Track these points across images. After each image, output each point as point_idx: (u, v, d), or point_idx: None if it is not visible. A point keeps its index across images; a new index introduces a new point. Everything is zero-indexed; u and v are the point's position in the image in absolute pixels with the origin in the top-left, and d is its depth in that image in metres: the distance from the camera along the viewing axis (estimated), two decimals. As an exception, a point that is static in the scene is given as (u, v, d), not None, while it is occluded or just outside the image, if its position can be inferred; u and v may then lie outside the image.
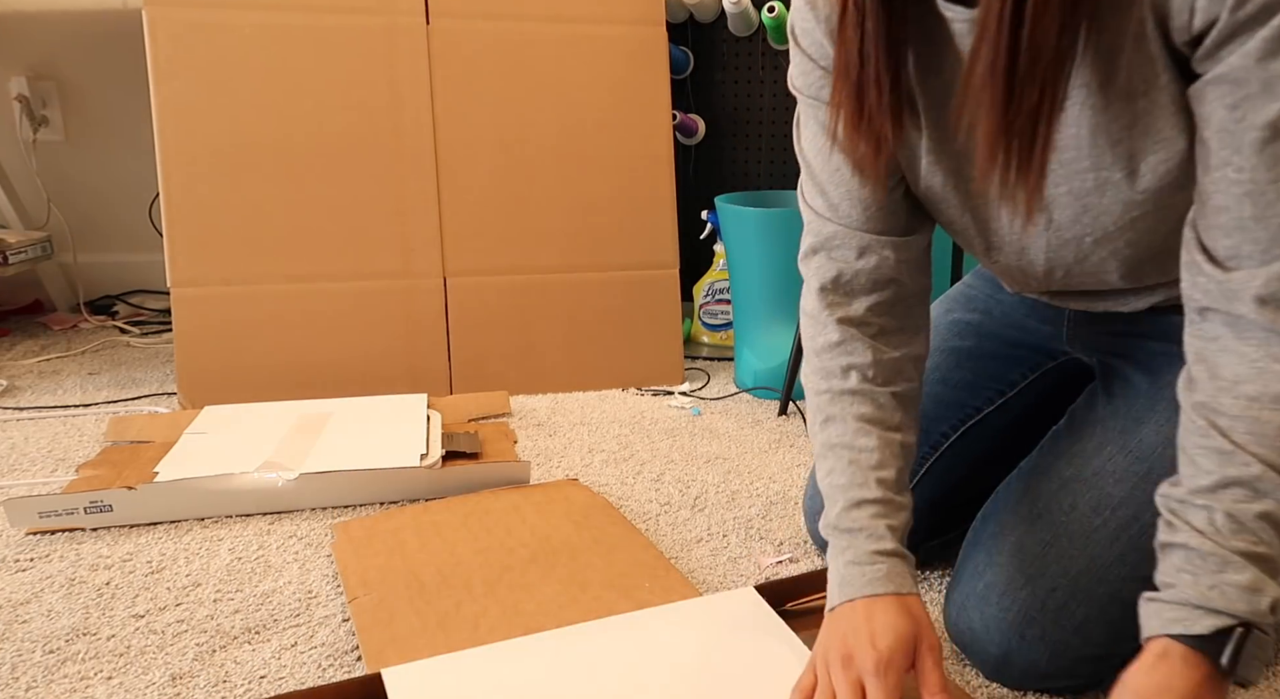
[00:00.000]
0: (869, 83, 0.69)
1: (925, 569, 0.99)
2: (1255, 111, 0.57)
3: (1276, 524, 0.60)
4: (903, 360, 0.81)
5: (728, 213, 1.63)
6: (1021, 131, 0.62)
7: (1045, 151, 0.63)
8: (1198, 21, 0.58)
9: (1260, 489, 0.60)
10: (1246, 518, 0.60)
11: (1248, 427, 0.60)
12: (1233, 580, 0.60)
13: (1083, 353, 0.90)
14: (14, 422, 1.48)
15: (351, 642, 0.87)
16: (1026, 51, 0.59)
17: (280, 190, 1.53)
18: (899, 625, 0.68)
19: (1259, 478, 0.60)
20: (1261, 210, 0.59)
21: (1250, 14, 0.55)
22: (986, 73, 0.61)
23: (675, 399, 1.59)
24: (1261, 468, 0.60)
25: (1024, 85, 0.60)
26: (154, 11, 1.47)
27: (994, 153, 0.63)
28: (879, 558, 0.72)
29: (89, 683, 0.81)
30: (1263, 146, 0.58)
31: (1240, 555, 0.60)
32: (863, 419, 0.78)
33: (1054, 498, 0.79)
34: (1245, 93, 0.57)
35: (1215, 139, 0.60)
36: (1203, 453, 0.62)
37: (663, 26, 1.67)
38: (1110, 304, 0.81)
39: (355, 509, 1.16)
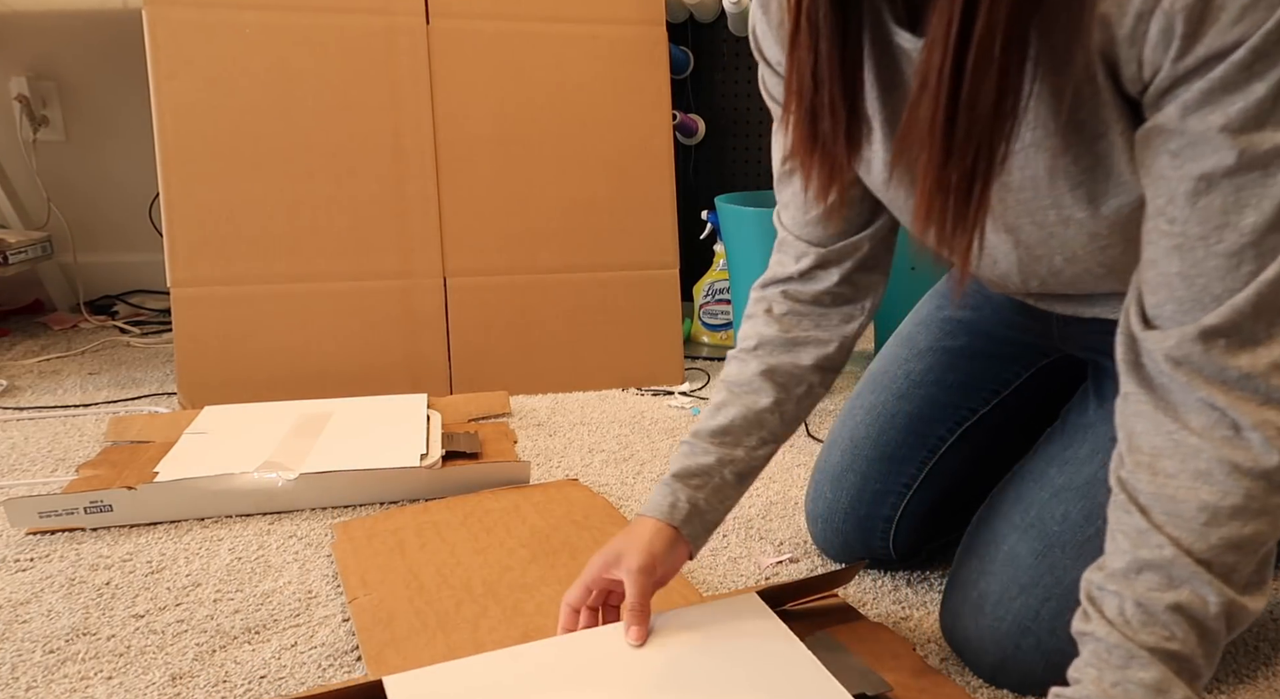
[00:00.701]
0: (823, 107, 0.67)
1: (926, 570, 0.99)
2: (1191, 161, 0.55)
3: (1190, 617, 0.56)
4: (808, 369, 0.84)
5: (728, 213, 1.63)
6: (958, 189, 0.60)
7: (980, 211, 0.60)
8: (1145, 72, 0.56)
9: (1175, 576, 0.57)
10: (1157, 609, 0.57)
11: (1164, 506, 0.57)
12: (1137, 678, 0.56)
13: (1075, 350, 0.90)
14: (14, 422, 1.48)
15: (352, 642, 0.87)
16: (965, 110, 0.57)
17: (280, 190, 1.53)
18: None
19: (1171, 562, 0.57)
20: (1188, 267, 0.56)
21: (1191, 65, 0.53)
22: (925, 129, 0.59)
23: (675, 399, 1.59)
24: (1174, 552, 0.56)
25: (962, 145, 0.58)
26: (154, 11, 1.48)
27: (930, 208, 0.61)
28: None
29: (89, 683, 0.81)
30: (1195, 198, 0.55)
31: (1148, 651, 0.56)
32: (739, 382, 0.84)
33: (1046, 506, 0.79)
34: (1183, 142, 0.55)
35: (1152, 187, 0.58)
36: (1121, 532, 0.60)
37: (663, 26, 1.67)
38: (1099, 310, 0.81)
39: (355, 509, 1.16)
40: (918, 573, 0.99)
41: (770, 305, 0.86)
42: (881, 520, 0.95)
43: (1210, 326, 0.56)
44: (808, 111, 0.67)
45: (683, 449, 0.82)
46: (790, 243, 0.85)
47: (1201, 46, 0.52)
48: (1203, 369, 0.56)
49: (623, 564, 0.75)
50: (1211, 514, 0.56)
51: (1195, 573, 0.56)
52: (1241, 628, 0.59)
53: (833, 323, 0.86)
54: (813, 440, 1.40)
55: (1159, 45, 0.54)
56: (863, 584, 0.97)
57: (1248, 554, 0.57)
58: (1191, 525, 0.57)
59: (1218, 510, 0.56)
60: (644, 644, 0.73)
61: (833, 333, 0.85)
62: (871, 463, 0.95)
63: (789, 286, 0.85)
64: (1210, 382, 0.56)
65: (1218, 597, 0.56)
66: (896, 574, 0.98)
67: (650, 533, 0.77)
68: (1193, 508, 0.57)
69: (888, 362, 1.00)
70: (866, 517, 0.95)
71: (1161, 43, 0.54)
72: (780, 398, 0.83)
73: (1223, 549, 0.56)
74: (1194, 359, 0.56)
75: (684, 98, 1.99)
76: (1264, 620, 0.89)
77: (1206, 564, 0.56)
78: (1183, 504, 0.57)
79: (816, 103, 0.67)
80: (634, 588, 0.74)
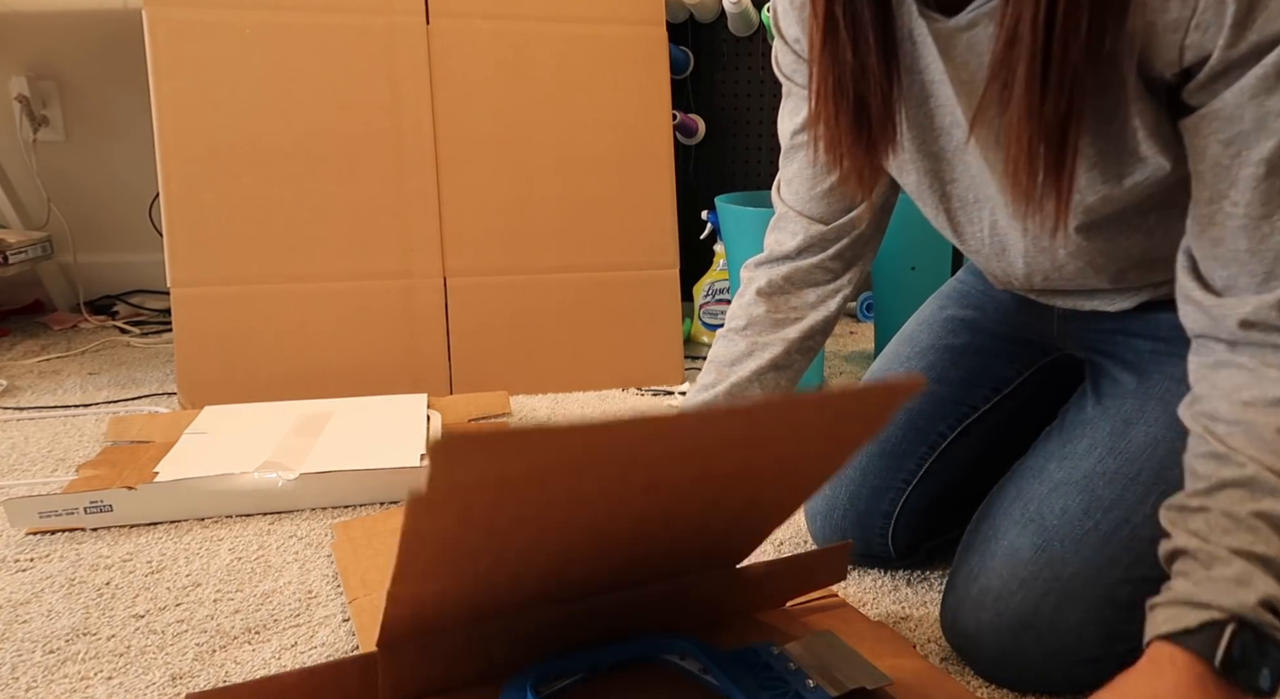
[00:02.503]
0: (872, 96, 0.69)
1: (926, 569, 0.99)
2: (1250, 147, 0.57)
3: (1274, 522, 0.58)
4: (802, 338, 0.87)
5: (728, 213, 1.63)
6: (1049, 138, 0.62)
7: (1075, 158, 0.63)
8: (1188, 57, 0.58)
9: (1256, 490, 0.59)
10: (1241, 515, 0.58)
11: (1244, 431, 0.60)
12: (1220, 574, 0.58)
13: (1073, 349, 0.90)
14: (14, 422, 1.48)
15: (351, 642, 0.87)
16: (1058, 59, 0.59)
17: (280, 190, 1.53)
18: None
19: (1253, 479, 0.59)
20: (1256, 244, 0.60)
21: (1244, 52, 0.55)
22: (1020, 84, 0.60)
23: (675, 399, 1.59)
24: (1256, 468, 0.59)
25: (1055, 92, 0.60)
26: (154, 11, 1.47)
27: (1025, 160, 0.63)
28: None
29: (89, 683, 0.81)
30: (1258, 182, 0.58)
31: (1232, 552, 0.58)
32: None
33: (1045, 501, 0.79)
34: (1240, 129, 0.57)
35: (1210, 173, 0.60)
36: (1200, 460, 0.62)
37: (663, 26, 1.67)
38: (1098, 303, 0.82)
39: (355, 509, 1.16)
40: (918, 572, 0.99)
41: (761, 284, 0.87)
42: (880, 516, 0.95)
43: None
44: (853, 104, 0.69)
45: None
46: (791, 218, 0.86)
47: (1253, 33, 0.54)
48: (1276, 335, 0.60)
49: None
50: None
51: (1277, 487, 0.58)
52: None
53: (821, 298, 0.88)
54: (813, 440, 1.40)
55: (1207, 32, 0.56)
56: (863, 584, 0.97)
57: None
58: (1274, 446, 0.59)
59: None
60: None
61: (820, 307, 0.88)
62: (871, 458, 0.95)
63: (784, 265, 0.87)
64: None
65: None
66: (896, 573, 0.98)
67: None
68: (1271, 430, 0.59)
69: (889, 360, 1.00)
70: (865, 512, 0.95)
71: (1211, 29, 0.55)
72: (762, 371, 0.85)
73: None
74: (1272, 320, 0.60)
75: (684, 98, 1.99)
76: (1264, 619, 0.89)
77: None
78: (1262, 427, 0.59)
79: (865, 91, 0.68)
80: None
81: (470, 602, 0.65)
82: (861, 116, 0.70)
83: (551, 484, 0.52)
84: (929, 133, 0.74)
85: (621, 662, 0.73)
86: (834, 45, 0.68)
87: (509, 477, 0.50)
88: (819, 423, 0.57)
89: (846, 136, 0.72)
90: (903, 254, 1.57)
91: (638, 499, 0.58)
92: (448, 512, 0.52)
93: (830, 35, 0.68)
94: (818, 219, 0.85)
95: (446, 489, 0.49)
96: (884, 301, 1.65)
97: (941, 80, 0.70)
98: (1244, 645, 0.55)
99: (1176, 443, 0.74)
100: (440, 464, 0.47)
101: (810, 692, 0.68)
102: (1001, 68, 0.61)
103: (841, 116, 0.71)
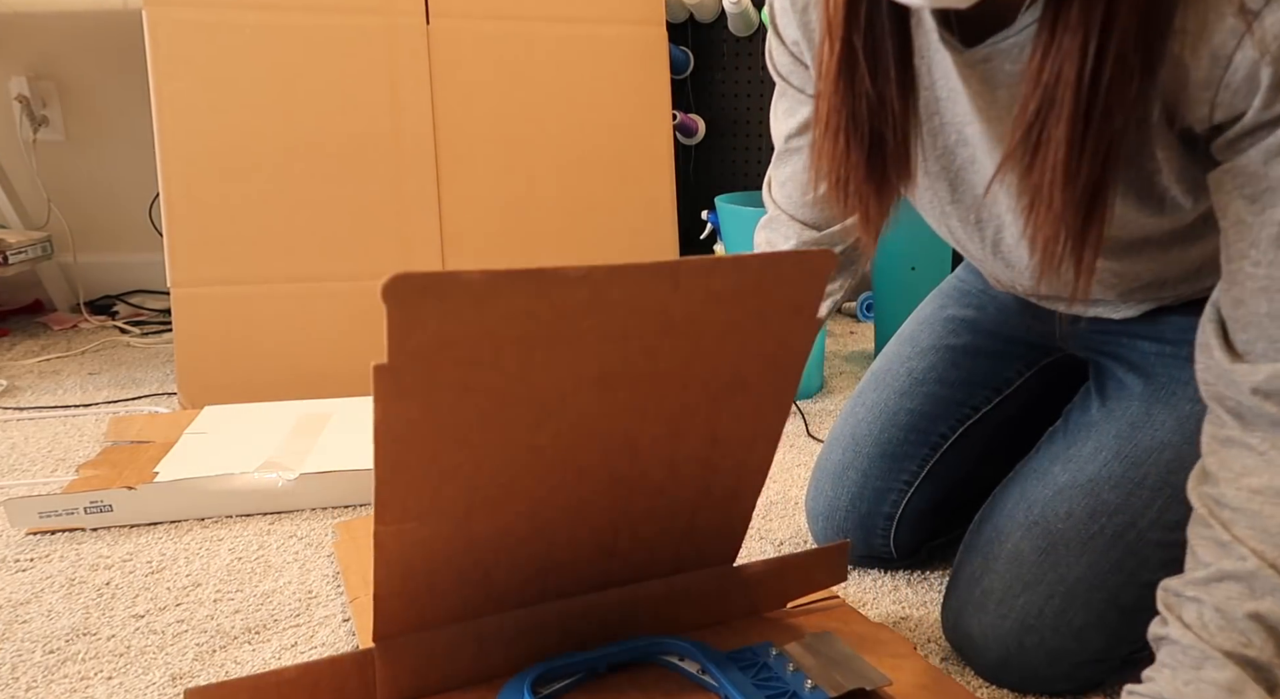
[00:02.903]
0: (890, 130, 0.66)
1: (926, 569, 0.99)
2: (1273, 206, 0.55)
3: (1269, 626, 0.56)
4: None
5: (728, 213, 1.63)
6: (1079, 206, 0.59)
7: (1102, 227, 0.60)
8: (1219, 115, 0.56)
9: (1256, 587, 0.56)
10: (1236, 615, 0.56)
11: (1249, 520, 0.57)
12: (1210, 678, 0.56)
13: (1076, 350, 0.90)
14: (14, 422, 1.48)
15: (352, 642, 0.87)
16: (1098, 125, 0.56)
17: (280, 190, 1.53)
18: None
19: (1254, 574, 0.56)
20: (1277, 309, 0.57)
21: (1274, 115, 0.54)
22: (1056, 147, 0.57)
23: (675, 399, 1.59)
24: (1258, 563, 0.56)
25: (1091, 159, 0.57)
26: (154, 11, 1.47)
27: (1054, 227, 0.60)
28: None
29: (89, 683, 0.81)
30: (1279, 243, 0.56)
31: (1224, 654, 0.56)
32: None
33: (1050, 504, 0.79)
34: (1265, 186, 0.55)
35: (1233, 230, 0.58)
36: (1202, 544, 0.60)
37: (663, 26, 1.67)
38: (1102, 310, 0.82)
39: (355, 509, 1.16)
40: (918, 572, 0.99)
41: None
42: (882, 518, 0.95)
43: None
44: (868, 140, 0.66)
45: None
46: (783, 221, 0.85)
47: None
48: None
49: None
50: None
51: (1278, 586, 0.56)
52: None
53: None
54: (813, 440, 1.40)
55: (1241, 92, 0.54)
56: (863, 584, 0.96)
57: None
58: (1277, 540, 0.56)
59: None
60: None
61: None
62: (873, 460, 0.95)
63: None
64: None
65: None
66: (896, 574, 0.98)
67: None
68: (1278, 523, 0.56)
69: (890, 360, 1.00)
70: (867, 514, 0.95)
71: (1245, 90, 0.54)
72: None
73: None
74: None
75: (684, 98, 1.99)
76: (1265, 620, 0.89)
77: None
78: (1269, 519, 0.56)
79: (881, 124, 0.66)
80: None
81: (457, 569, 0.65)
82: (876, 153, 0.67)
83: (506, 360, 0.56)
84: (933, 150, 0.73)
85: (620, 663, 0.73)
86: (850, 76, 0.65)
87: (463, 339, 0.54)
88: (742, 290, 0.60)
89: (858, 174, 0.68)
90: (903, 254, 1.57)
91: (595, 401, 0.61)
92: (413, 395, 0.55)
93: (847, 65, 0.64)
94: (811, 225, 0.84)
95: (408, 352, 0.53)
96: (884, 301, 1.65)
97: (950, 97, 0.68)
98: None
99: (1183, 448, 0.74)
100: (394, 307, 0.51)
101: (808, 692, 0.68)
102: (1033, 129, 0.58)
103: (853, 153, 0.67)
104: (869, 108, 0.66)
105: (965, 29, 0.64)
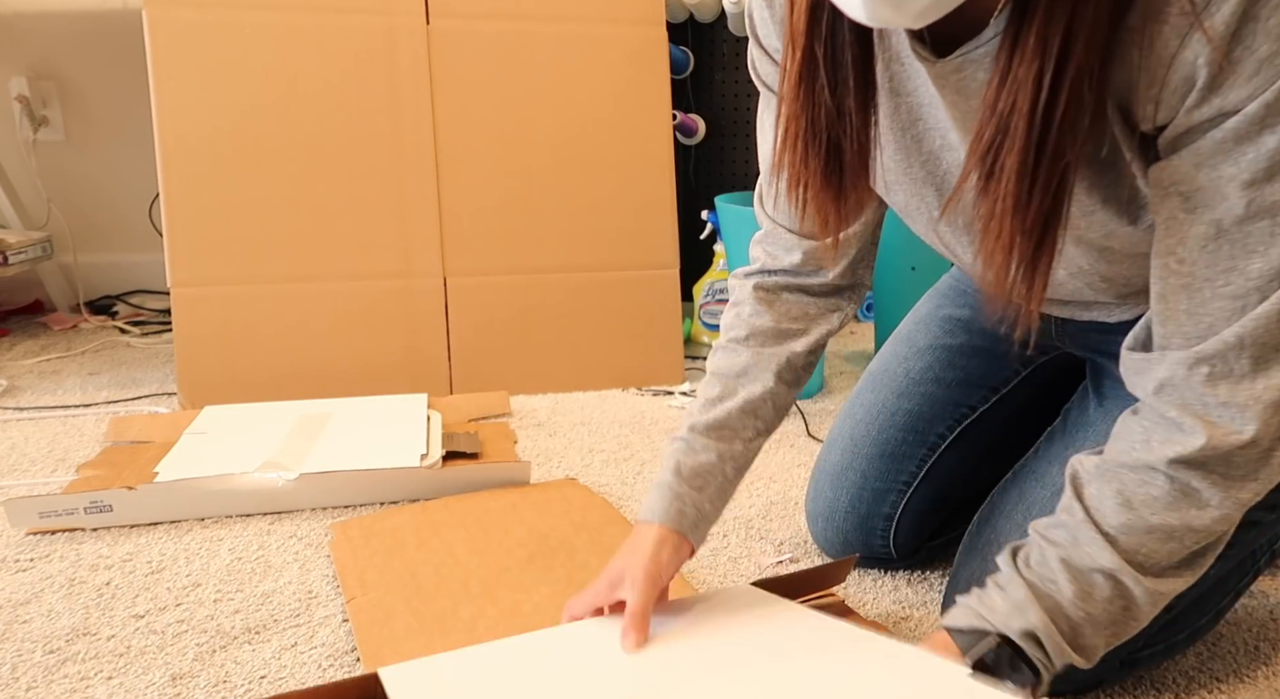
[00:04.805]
0: (848, 142, 0.66)
1: (926, 570, 0.99)
2: (1203, 207, 0.57)
3: (1075, 571, 0.63)
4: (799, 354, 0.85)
5: (728, 213, 1.63)
6: (1032, 232, 0.59)
7: (1052, 253, 0.60)
8: (1161, 115, 0.57)
9: (1078, 538, 0.63)
10: (1050, 556, 0.64)
11: (1096, 486, 0.64)
12: (1007, 596, 0.64)
13: (1073, 349, 0.90)
14: (14, 422, 1.49)
15: (351, 642, 0.87)
16: (1050, 155, 0.56)
17: (280, 190, 1.53)
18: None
19: (1078, 526, 0.63)
20: (1195, 306, 0.59)
21: (1204, 116, 0.55)
22: (1008, 174, 0.57)
23: (675, 399, 1.59)
24: (1084, 518, 0.63)
25: (1042, 189, 0.57)
26: (154, 11, 1.48)
27: (1003, 252, 0.60)
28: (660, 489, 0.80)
29: (89, 683, 0.81)
30: (1205, 242, 0.57)
31: (1025, 582, 0.64)
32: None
33: (1048, 505, 0.79)
34: (1195, 186, 0.57)
35: (1163, 226, 0.60)
36: (1061, 500, 0.66)
37: (663, 26, 1.67)
38: (1096, 314, 0.81)
39: (355, 509, 1.16)
40: (918, 573, 0.99)
41: (761, 295, 0.85)
42: (882, 519, 0.95)
43: (1200, 355, 0.59)
44: (825, 145, 0.67)
45: (677, 446, 0.81)
46: (781, 235, 0.84)
47: (1217, 97, 0.53)
48: (1184, 394, 0.60)
49: (627, 576, 0.74)
50: (1125, 499, 0.62)
51: (1093, 538, 0.62)
52: (1141, 611, 0.64)
53: (823, 313, 0.85)
54: (813, 440, 1.40)
55: (1178, 92, 0.55)
56: (862, 584, 0.97)
57: (1157, 540, 0.62)
58: (1110, 503, 0.62)
59: (1131, 497, 0.62)
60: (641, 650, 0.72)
61: (822, 323, 0.85)
62: (871, 461, 0.95)
63: (781, 278, 0.85)
64: (1185, 406, 0.60)
65: (1108, 561, 0.62)
66: (896, 574, 0.98)
67: (655, 542, 0.75)
68: (1114, 490, 0.62)
69: (887, 360, 1.00)
70: (867, 515, 0.95)
71: (1181, 90, 0.55)
72: (774, 388, 0.82)
73: (1126, 529, 0.62)
74: (1180, 380, 0.60)
75: (684, 98, 1.99)
76: (1264, 620, 0.89)
77: (1108, 537, 0.62)
78: (1109, 486, 0.63)
79: (839, 135, 0.66)
80: (637, 595, 0.72)
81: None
82: (833, 162, 0.68)
83: None
84: (917, 156, 0.72)
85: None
86: (810, 85, 0.65)
87: None
88: None
89: (815, 182, 0.69)
90: (903, 254, 1.57)
91: None
92: None
93: (808, 74, 0.65)
94: (808, 235, 0.83)
95: None
96: (884, 301, 1.65)
97: (932, 104, 0.68)
98: (997, 657, 0.63)
99: None
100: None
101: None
102: (987, 156, 0.58)
103: (811, 161, 0.68)
104: (827, 117, 0.66)
105: (938, 37, 0.64)
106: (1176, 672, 0.81)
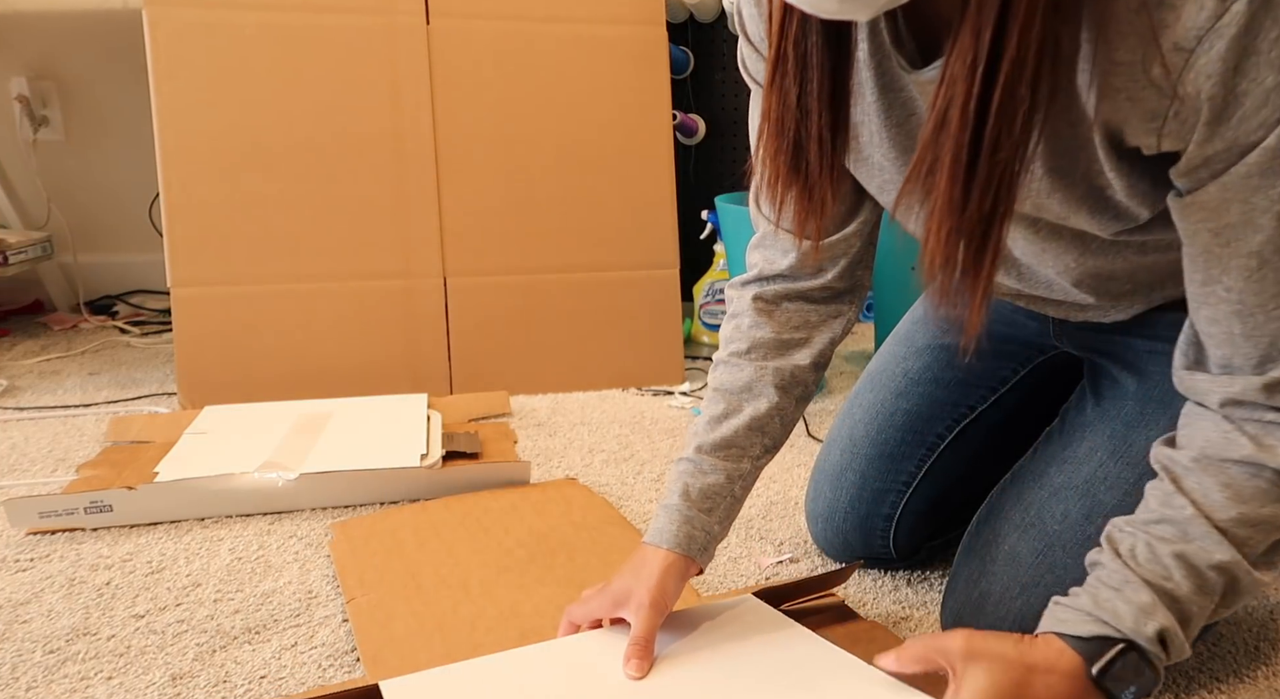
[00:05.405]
0: (810, 140, 0.66)
1: (926, 570, 0.99)
2: (1239, 241, 0.57)
3: (1191, 567, 0.61)
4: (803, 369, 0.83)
5: (728, 213, 1.63)
6: (970, 236, 0.58)
7: (996, 256, 0.59)
8: (1167, 145, 0.57)
9: (1189, 533, 0.62)
10: (1163, 552, 0.62)
11: (1196, 478, 0.63)
12: (1128, 598, 0.62)
13: (1071, 348, 0.90)
14: (14, 422, 1.49)
15: (351, 642, 0.87)
16: (987, 152, 0.55)
17: (280, 190, 1.53)
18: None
19: (1189, 520, 0.62)
20: (1251, 329, 0.60)
21: (1220, 150, 0.55)
22: (943, 170, 0.57)
23: (675, 399, 1.59)
24: (1194, 513, 0.62)
25: (981, 187, 0.56)
26: (154, 11, 1.48)
27: (942, 252, 0.59)
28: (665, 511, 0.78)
29: (89, 683, 0.81)
30: (1250, 272, 0.58)
31: (1143, 581, 0.62)
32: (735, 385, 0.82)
33: (1046, 505, 0.79)
34: (1227, 222, 0.57)
35: (1202, 257, 0.60)
36: (1153, 494, 0.65)
37: (663, 26, 1.67)
38: (1091, 315, 0.81)
39: (355, 509, 1.16)
40: (918, 573, 0.99)
41: (760, 305, 0.83)
42: (881, 519, 0.95)
43: (1275, 379, 0.60)
44: (791, 144, 0.67)
45: (684, 467, 0.80)
46: (779, 237, 0.83)
47: (1229, 130, 0.54)
48: (1263, 412, 0.61)
49: (633, 601, 0.73)
50: (1235, 492, 0.61)
51: (1208, 533, 0.61)
52: (1238, 601, 0.64)
53: (824, 320, 0.84)
54: (813, 440, 1.40)
55: (1183, 126, 0.55)
56: (863, 584, 0.97)
57: (1262, 532, 0.62)
58: (1216, 496, 0.62)
59: (1241, 490, 0.61)
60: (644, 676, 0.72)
61: (824, 331, 0.83)
62: (871, 461, 0.95)
63: (779, 284, 0.83)
64: (1264, 421, 0.62)
65: (1224, 555, 0.61)
66: (896, 574, 0.98)
67: (662, 569, 0.74)
68: (1218, 481, 0.62)
69: (886, 360, 1.00)
70: (866, 515, 0.95)
71: (1190, 121, 0.55)
72: (781, 402, 0.81)
73: (1239, 523, 0.61)
74: (1258, 400, 0.61)
75: (684, 98, 1.99)
76: (1264, 620, 0.89)
77: (1222, 530, 0.61)
78: (1212, 478, 0.62)
79: (802, 135, 0.66)
80: (641, 622, 0.72)
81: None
82: (799, 160, 0.67)
83: None
84: (910, 155, 0.70)
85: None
86: (781, 84, 0.65)
87: None
88: None
89: (784, 181, 0.69)
90: (903, 254, 1.57)
91: None
92: None
93: (779, 73, 0.65)
94: (805, 237, 0.82)
95: None
96: (884, 301, 1.65)
97: (921, 99, 0.68)
98: (1125, 664, 0.61)
99: None
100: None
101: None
102: (928, 151, 0.58)
103: (780, 156, 0.68)
104: (794, 118, 0.66)
105: (921, 43, 0.64)
106: (1177, 671, 0.81)
